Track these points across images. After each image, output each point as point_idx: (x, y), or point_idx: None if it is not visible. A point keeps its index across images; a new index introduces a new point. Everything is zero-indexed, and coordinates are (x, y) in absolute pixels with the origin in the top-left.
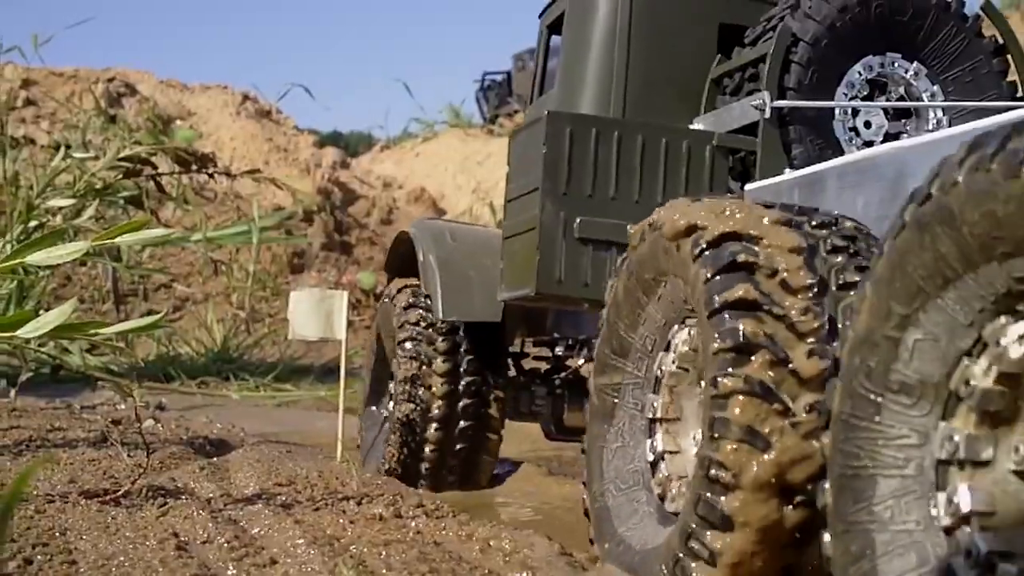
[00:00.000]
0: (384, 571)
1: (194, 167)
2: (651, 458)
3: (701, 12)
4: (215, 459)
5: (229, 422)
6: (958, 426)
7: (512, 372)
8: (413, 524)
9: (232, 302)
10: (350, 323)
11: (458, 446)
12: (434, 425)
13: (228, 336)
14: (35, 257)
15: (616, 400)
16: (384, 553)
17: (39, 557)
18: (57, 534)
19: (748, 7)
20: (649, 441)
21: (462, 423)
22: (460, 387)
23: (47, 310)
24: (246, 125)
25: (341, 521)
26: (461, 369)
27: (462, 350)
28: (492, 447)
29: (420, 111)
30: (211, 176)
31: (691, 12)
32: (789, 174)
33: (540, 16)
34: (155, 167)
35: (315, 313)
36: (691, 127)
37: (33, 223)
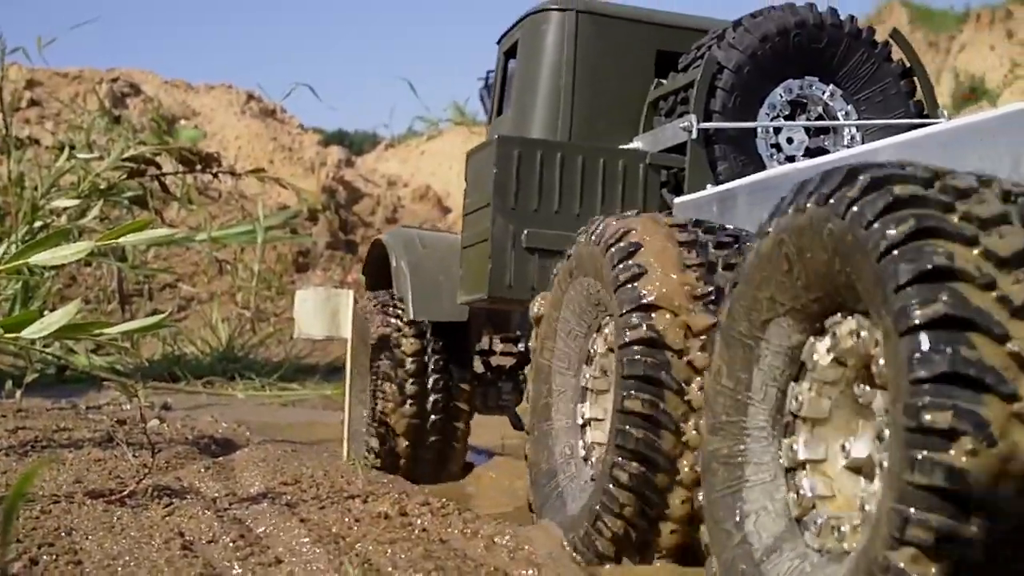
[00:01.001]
0: (390, 569)
1: (198, 167)
2: (581, 432)
3: (639, 41)
4: (220, 459)
5: (235, 421)
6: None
7: (480, 368)
8: (418, 522)
9: (237, 301)
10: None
11: (430, 439)
12: (406, 420)
13: (233, 335)
14: (40, 257)
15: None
16: (390, 551)
17: (45, 557)
18: (63, 534)
19: (682, 35)
20: (578, 406)
21: (432, 418)
22: (429, 384)
23: (52, 310)
24: (251, 124)
25: (346, 519)
26: (430, 367)
27: (430, 349)
28: (462, 439)
29: (424, 109)
30: (215, 176)
31: (630, 41)
32: (710, 190)
33: (498, 42)
34: (159, 167)
35: (320, 312)
36: (626, 147)
37: (38, 224)
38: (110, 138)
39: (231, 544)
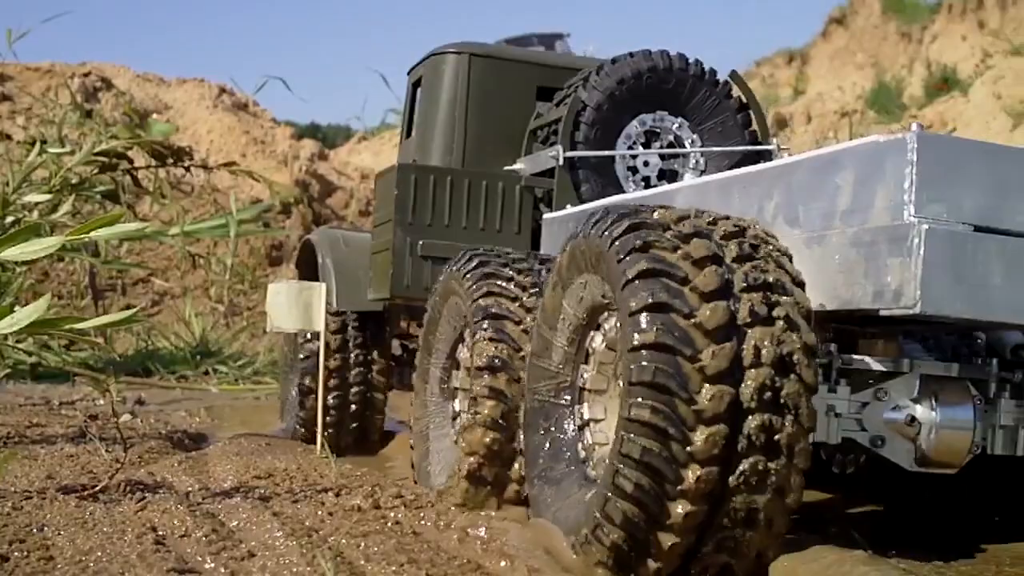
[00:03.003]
0: (363, 562)
1: (170, 161)
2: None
3: (523, 79)
4: (193, 453)
5: (209, 415)
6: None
7: (398, 351)
8: (392, 515)
9: (210, 296)
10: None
11: (352, 414)
12: (330, 398)
13: (207, 330)
14: (10, 252)
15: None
16: (363, 544)
17: (16, 554)
18: (34, 530)
19: (558, 73)
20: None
21: (354, 395)
22: (351, 366)
23: (24, 306)
24: (223, 118)
25: (320, 513)
26: (351, 351)
27: (351, 335)
28: (380, 413)
29: (398, 102)
30: (188, 169)
31: (515, 79)
32: (570, 209)
33: (408, 73)
34: (131, 161)
35: (293, 305)
36: (505, 169)
37: (9, 219)
38: (82, 132)
39: (204, 538)
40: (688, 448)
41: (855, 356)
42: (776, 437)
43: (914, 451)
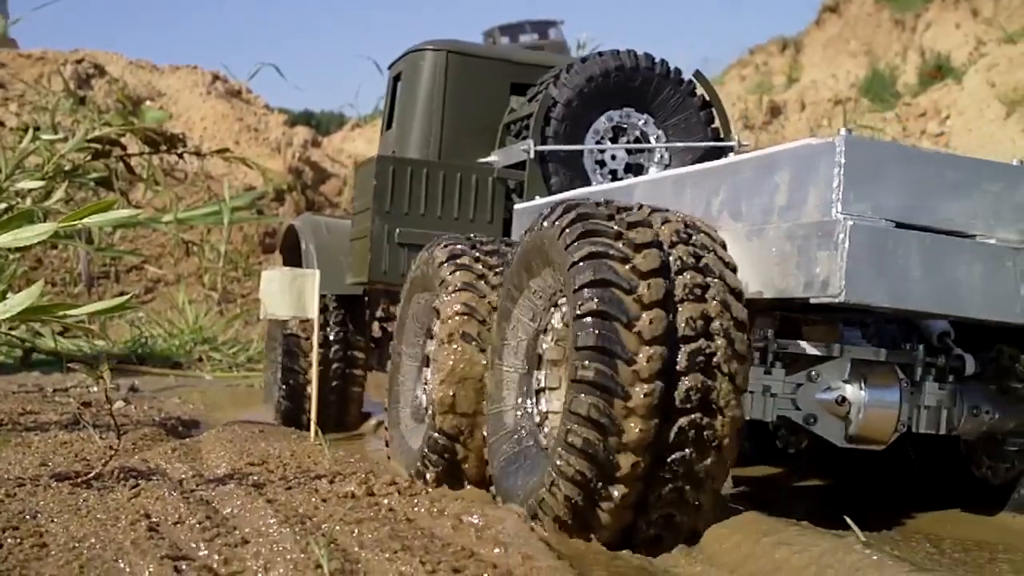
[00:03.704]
0: (356, 549)
1: (164, 148)
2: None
3: (497, 75)
4: (187, 440)
5: (202, 402)
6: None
7: (378, 333)
8: (385, 502)
9: (204, 283)
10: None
11: (331, 395)
12: (309, 374)
13: (200, 316)
14: (3, 239)
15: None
16: (356, 531)
17: (9, 540)
18: (28, 517)
19: (531, 70)
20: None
21: (333, 376)
22: (331, 346)
23: (17, 293)
24: (216, 105)
25: (313, 500)
26: (331, 332)
27: (332, 318)
28: (358, 395)
29: None
30: (181, 156)
31: (490, 76)
32: (538, 200)
33: (389, 68)
34: (124, 148)
35: (287, 292)
36: (479, 162)
37: (2, 205)
38: (75, 119)
39: (197, 525)
40: (629, 404)
41: (791, 341)
42: (711, 396)
43: (844, 429)
